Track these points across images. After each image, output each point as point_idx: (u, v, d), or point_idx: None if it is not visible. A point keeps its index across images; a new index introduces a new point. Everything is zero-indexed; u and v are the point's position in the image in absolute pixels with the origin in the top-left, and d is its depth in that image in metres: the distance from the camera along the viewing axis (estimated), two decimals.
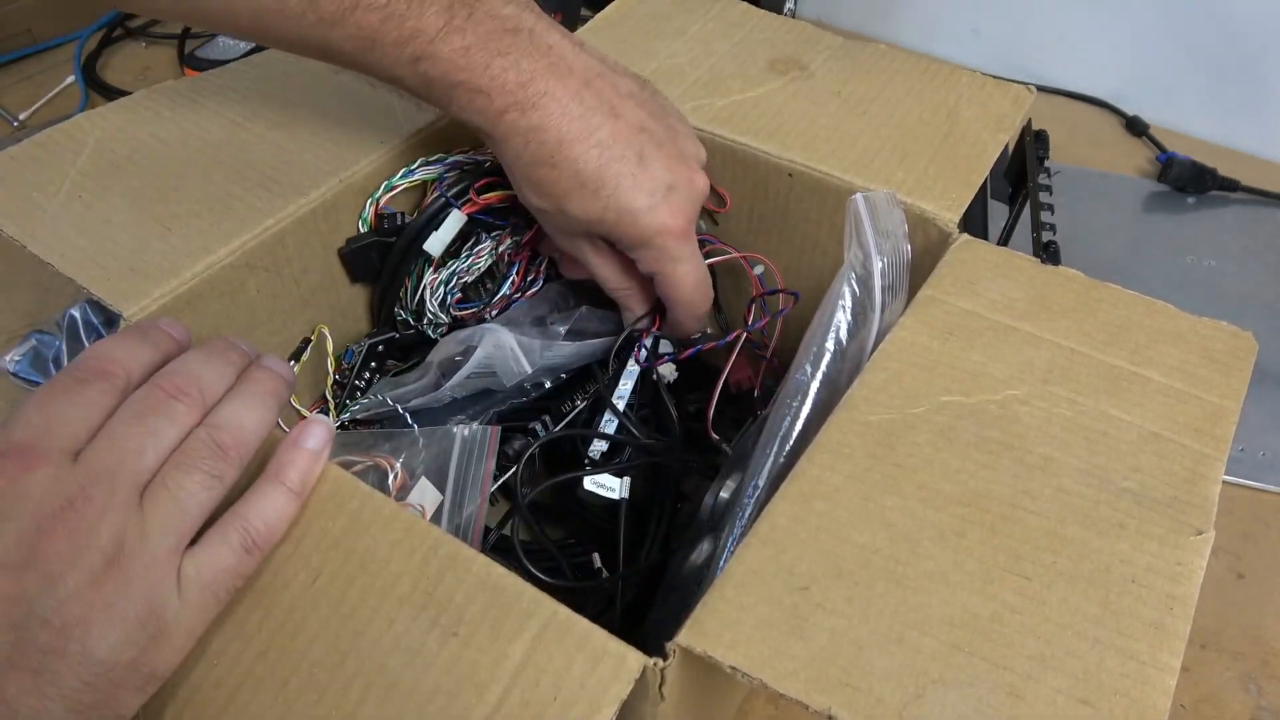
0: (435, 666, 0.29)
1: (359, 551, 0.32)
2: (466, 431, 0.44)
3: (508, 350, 0.46)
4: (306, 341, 0.47)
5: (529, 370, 0.47)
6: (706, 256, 0.49)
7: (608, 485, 0.46)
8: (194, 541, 0.30)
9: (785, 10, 0.96)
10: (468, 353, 0.45)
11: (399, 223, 0.48)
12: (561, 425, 0.50)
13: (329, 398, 0.47)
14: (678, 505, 0.48)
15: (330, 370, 0.47)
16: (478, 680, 0.29)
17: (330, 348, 0.47)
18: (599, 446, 0.47)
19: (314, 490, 0.33)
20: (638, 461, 0.47)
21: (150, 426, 0.30)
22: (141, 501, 0.29)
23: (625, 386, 0.47)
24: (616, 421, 0.46)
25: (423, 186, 0.49)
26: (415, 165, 0.48)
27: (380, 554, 0.32)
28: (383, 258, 0.49)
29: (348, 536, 0.32)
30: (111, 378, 0.31)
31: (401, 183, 0.48)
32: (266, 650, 0.30)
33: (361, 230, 0.48)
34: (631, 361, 0.48)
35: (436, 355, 0.47)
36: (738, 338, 0.48)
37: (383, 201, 0.47)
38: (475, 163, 0.49)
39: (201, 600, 0.29)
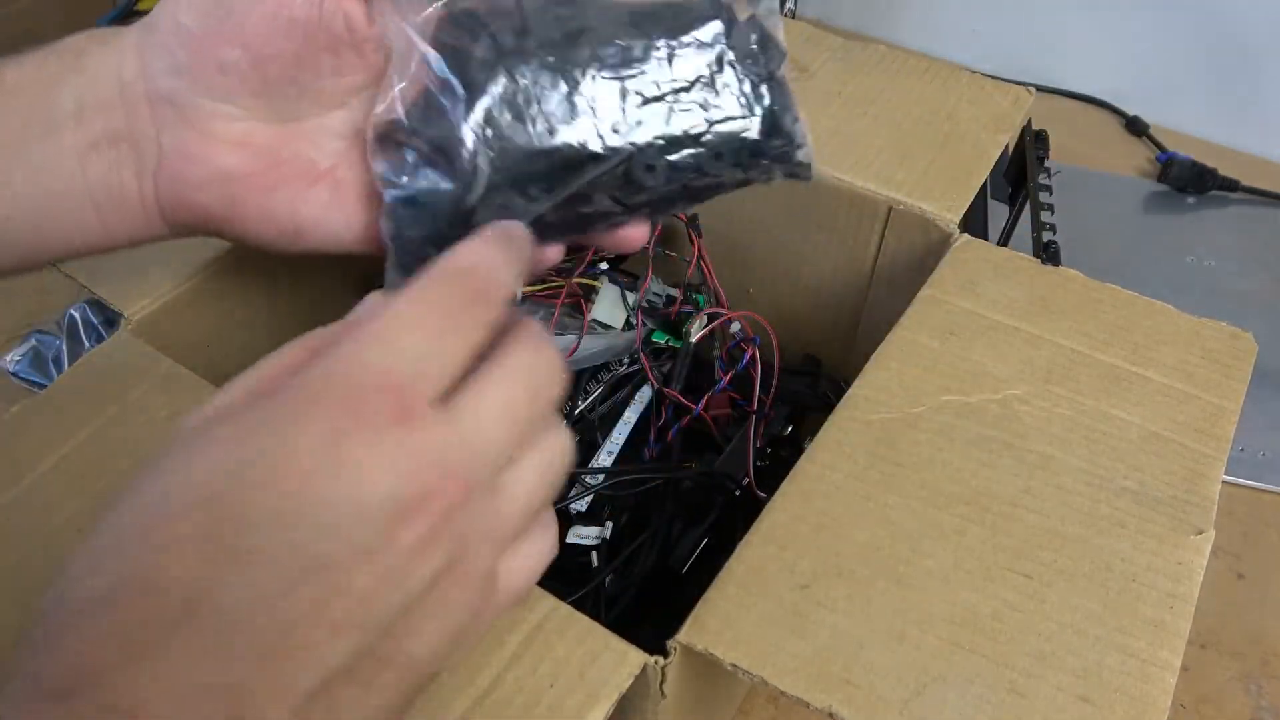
0: None
1: None
2: None
3: None
4: None
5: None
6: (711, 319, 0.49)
7: (587, 534, 0.46)
8: None
9: (785, 10, 0.96)
10: None
11: None
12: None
13: None
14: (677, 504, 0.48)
15: None
16: (471, 663, 0.29)
17: None
18: (579, 505, 0.46)
19: None
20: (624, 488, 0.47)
21: (534, 440, 0.25)
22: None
23: (617, 439, 0.48)
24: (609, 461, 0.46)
25: None
26: None
27: None
28: None
29: None
30: (490, 305, 0.25)
31: None
32: None
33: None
34: (629, 411, 0.48)
35: None
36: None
37: None
38: None
39: (502, 613, 0.25)
